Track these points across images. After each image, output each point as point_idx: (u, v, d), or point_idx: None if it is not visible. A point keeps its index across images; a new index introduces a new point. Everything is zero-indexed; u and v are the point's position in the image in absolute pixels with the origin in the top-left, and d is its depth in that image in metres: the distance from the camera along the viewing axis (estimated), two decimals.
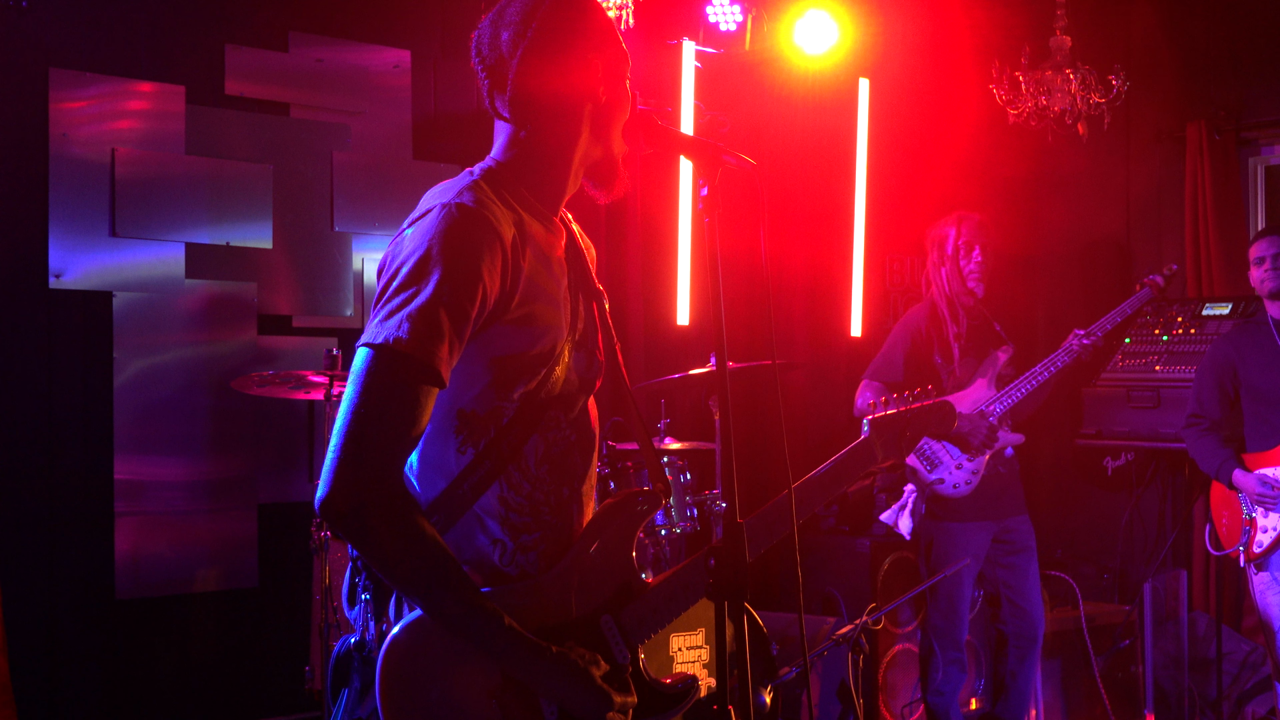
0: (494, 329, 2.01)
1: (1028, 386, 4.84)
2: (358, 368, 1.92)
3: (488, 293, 1.97)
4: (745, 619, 2.00)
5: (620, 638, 2.14)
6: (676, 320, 5.43)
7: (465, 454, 2.05)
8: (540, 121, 2.11)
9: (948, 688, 4.98)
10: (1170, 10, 6.12)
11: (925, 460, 4.84)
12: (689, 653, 2.33)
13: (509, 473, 2.07)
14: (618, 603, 2.15)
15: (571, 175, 2.16)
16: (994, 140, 6.10)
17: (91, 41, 4.55)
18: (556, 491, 2.12)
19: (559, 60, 2.10)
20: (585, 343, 2.18)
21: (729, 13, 5.49)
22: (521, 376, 2.05)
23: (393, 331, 1.90)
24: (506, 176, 2.12)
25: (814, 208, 6.12)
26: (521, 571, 2.08)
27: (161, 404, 4.68)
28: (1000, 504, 4.90)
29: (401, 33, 5.24)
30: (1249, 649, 5.56)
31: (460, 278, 1.94)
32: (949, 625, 4.91)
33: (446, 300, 1.92)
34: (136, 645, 4.60)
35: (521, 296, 2.02)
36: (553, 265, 2.11)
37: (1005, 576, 5.00)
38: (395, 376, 1.90)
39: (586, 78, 2.11)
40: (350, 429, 1.88)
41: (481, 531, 2.08)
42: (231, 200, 4.84)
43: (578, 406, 2.16)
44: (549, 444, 2.11)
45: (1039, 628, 5.03)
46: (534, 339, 2.05)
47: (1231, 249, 5.86)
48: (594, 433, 2.21)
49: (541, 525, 2.10)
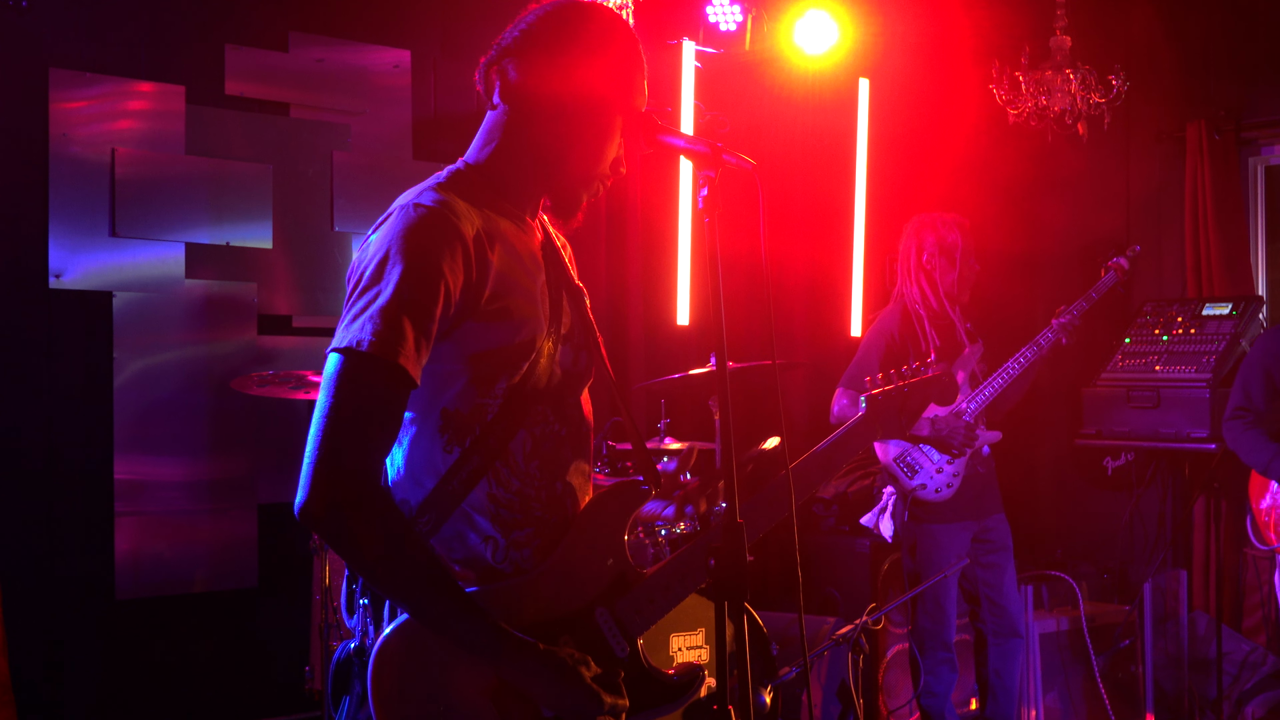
0: (466, 325, 2.02)
1: (1000, 382, 4.80)
2: (328, 373, 1.94)
3: (451, 289, 1.98)
4: (745, 619, 1.99)
5: (617, 630, 2.13)
6: (676, 320, 5.43)
7: (451, 452, 2.06)
8: (532, 119, 2.13)
9: (939, 688, 4.97)
10: (1170, 10, 6.11)
11: (905, 468, 4.81)
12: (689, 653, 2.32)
13: (496, 469, 2.07)
14: (612, 595, 2.14)
15: (551, 178, 2.17)
16: (994, 140, 6.10)
17: (91, 41, 4.55)
18: (548, 486, 2.12)
19: (566, 64, 2.12)
20: (571, 338, 2.18)
21: (729, 13, 5.49)
22: (502, 371, 2.06)
23: (358, 335, 1.92)
24: (474, 177, 2.16)
25: (814, 208, 6.12)
26: (516, 568, 2.08)
27: (161, 404, 4.68)
28: (980, 504, 4.89)
29: (401, 33, 5.24)
30: (1249, 649, 5.56)
31: (420, 276, 1.95)
32: (937, 626, 4.90)
33: (408, 299, 1.94)
34: (136, 645, 4.60)
35: (492, 291, 2.03)
36: (526, 261, 2.12)
37: (984, 575, 4.98)
38: (364, 379, 1.91)
39: (589, 88, 2.13)
40: (324, 433, 1.90)
41: (472, 529, 2.08)
42: (231, 200, 4.84)
43: (566, 401, 2.16)
44: (537, 439, 2.11)
45: (1020, 624, 5.01)
46: (510, 333, 2.05)
47: (1231, 249, 5.85)
48: (587, 427, 2.22)
49: (533, 521, 2.10)
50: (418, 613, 1.97)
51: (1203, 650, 5.64)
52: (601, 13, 2.19)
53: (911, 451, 4.80)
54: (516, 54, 2.14)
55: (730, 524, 1.98)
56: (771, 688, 3.93)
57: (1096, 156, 6.15)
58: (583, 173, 2.17)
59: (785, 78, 5.81)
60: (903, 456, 4.83)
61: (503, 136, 2.17)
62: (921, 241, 4.91)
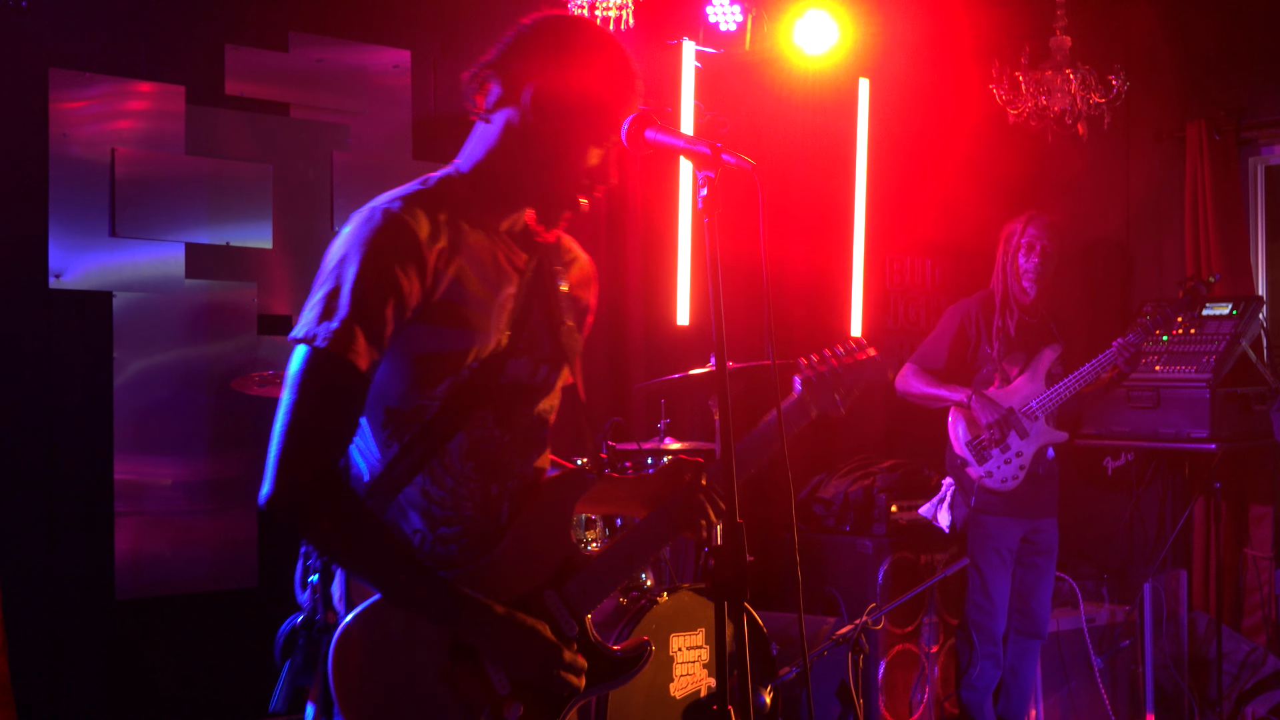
0: (415, 328, 2.08)
1: (1075, 385, 4.91)
2: (292, 370, 2.03)
3: (404, 292, 2.05)
4: (745, 619, 2.01)
5: (565, 610, 2.21)
6: (676, 320, 5.43)
7: (391, 447, 2.14)
8: (518, 132, 2.17)
9: (982, 683, 5.01)
10: (1170, 10, 6.12)
11: (976, 453, 4.90)
12: (689, 653, 2.34)
13: (432, 467, 2.14)
14: (560, 578, 2.23)
15: (534, 190, 2.21)
16: (994, 140, 6.10)
17: (91, 41, 4.55)
18: (483, 488, 2.18)
19: (553, 79, 2.15)
20: (534, 351, 2.23)
21: (729, 13, 5.49)
22: (442, 375, 2.12)
23: (313, 329, 2.03)
24: (460, 185, 2.21)
25: (814, 208, 6.12)
26: (439, 563, 2.14)
27: (161, 404, 4.68)
28: (1036, 504, 4.98)
29: (401, 33, 5.24)
30: (1249, 649, 5.56)
31: (374, 277, 2.03)
32: (986, 619, 4.97)
33: (361, 299, 2.02)
34: (136, 645, 4.60)
35: (445, 298, 2.10)
36: (492, 272, 2.17)
37: (1023, 574, 5.05)
38: (321, 374, 2.01)
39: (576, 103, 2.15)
40: (285, 428, 2.00)
41: (404, 521, 2.15)
42: (231, 200, 4.84)
43: (516, 410, 2.21)
44: (475, 442, 2.17)
45: (1044, 628, 5.07)
46: (456, 339, 2.11)
47: (1231, 249, 5.86)
48: (540, 438, 2.28)
49: (463, 520, 2.17)
50: (381, 585, 2.07)
51: (1203, 650, 5.64)
52: (590, 28, 2.23)
53: (984, 438, 4.89)
54: (504, 68, 2.19)
55: (730, 524, 2.00)
56: (771, 688, 3.94)
57: (1096, 156, 6.15)
58: (565, 186, 2.21)
59: (785, 78, 5.81)
60: (975, 442, 4.90)
61: (490, 147, 2.22)
62: (1014, 236, 5.06)
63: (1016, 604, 5.05)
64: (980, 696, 5.04)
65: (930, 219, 6.43)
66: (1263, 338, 5.69)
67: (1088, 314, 4.97)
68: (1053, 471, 5.05)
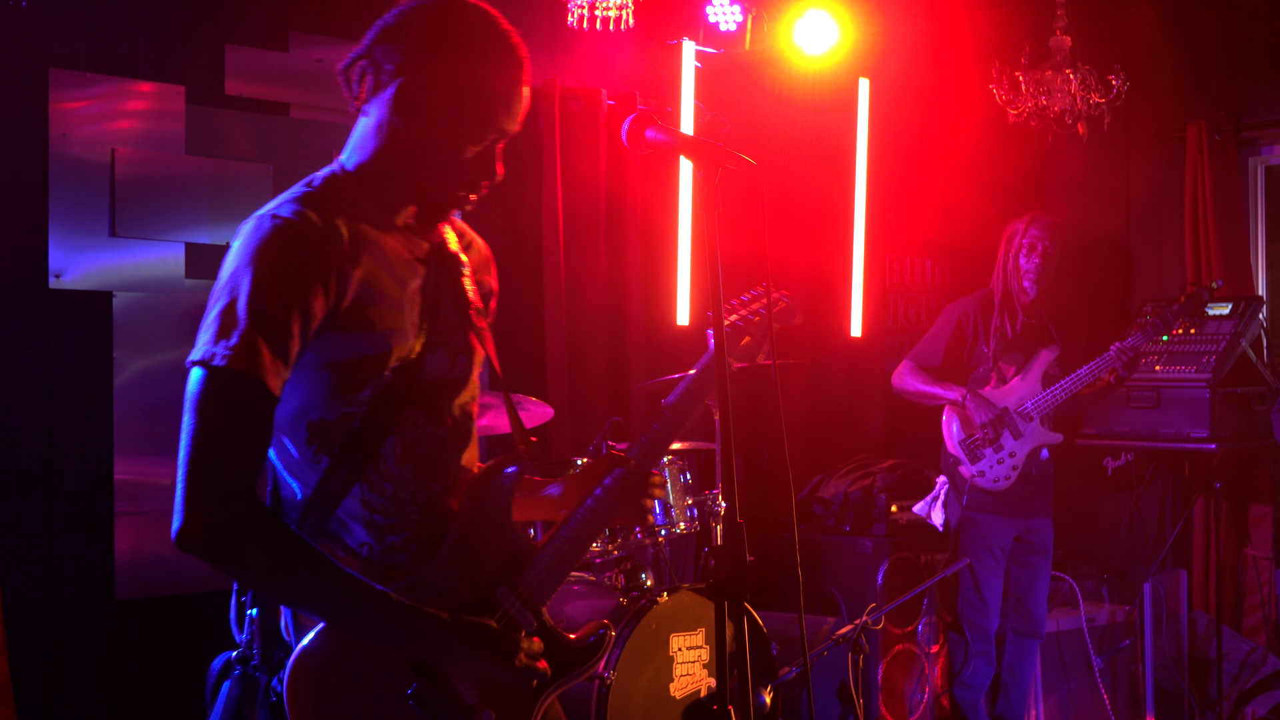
0: (326, 336, 1.98)
1: (1071, 388, 4.92)
2: (190, 392, 1.91)
3: (307, 301, 1.94)
4: (745, 619, 2.00)
5: (520, 606, 2.13)
6: (676, 320, 5.43)
7: (320, 462, 2.04)
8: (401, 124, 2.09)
9: (975, 681, 5.02)
10: (1170, 10, 6.12)
11: (969, 452, 4.91)
12: (689, 653, 2.33)
13: (368, 475, 2.05)
14: (510, 572, 2.14)
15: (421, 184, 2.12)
16: (994, 140, 6.11)
17: (91, 41, 4.55)
18: (425, 489, 2.11)
19: (436, 66, 2.06)
20: (449, 343, 2.14)
21: (729, 13, 5.49)
22: (365, 380, 2.03)
23: (212, 348, 1.90)
24: (347, 183, 2.12)
25: (814, 208, 6.12)
26: (389, 575, 2.04)
27: (161, 404, 4.67)
28: (1030, 504, 4.99)
29: None
30: (1249, 649, 5.56)
31: (272, 288, 1.92)
32: (979, 617, 4.97)
33: (259, 311, 1.91)
34: (136, 645, 4.60)
35: (354, 301, 2.00)
36: (398, 268, 2.08)
37: (1019, 574, 5.05)
38: (223, 394, 1.89)
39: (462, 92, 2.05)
40: (190, 455, 1.89)
41: (348, 536, 2.07)
42: (231, 200, 4.84)
43: (440, 404, 2.13)
44: (408, 443, 2.08)
45: (1042, 628, 5.08)
46: (371, 342, 2.02)
47: (1231, 249, 5.86)
48: (468, 430, 2.19)
49: (409, 525, 2.09)
50: (322, 612, 1.96)
51: (1203, 650, 5.64)
52: (466, 11, 2.09)
53: (978, 437, 4.90)
54: (374, 59, 2.10)
55: (730, 524, 1.99)
56: (771, 688, 3.94)
57: (1096, 156, 6.15)
58: (445, 187, 2.11)
59: (785, 78, 5.81)
60: (968, 441, 4.91)
61: (370, 145, 2.13)
62: (1016, 236, 5.07)
63: (1013, 604, 5.05)
64: (973, 695, 5.04)
65: (930, 219, 6.43)
66: (1263, 338, 5.69)
67: (1087, 314, 4.97)
68: (1046, 472, 5.05)
